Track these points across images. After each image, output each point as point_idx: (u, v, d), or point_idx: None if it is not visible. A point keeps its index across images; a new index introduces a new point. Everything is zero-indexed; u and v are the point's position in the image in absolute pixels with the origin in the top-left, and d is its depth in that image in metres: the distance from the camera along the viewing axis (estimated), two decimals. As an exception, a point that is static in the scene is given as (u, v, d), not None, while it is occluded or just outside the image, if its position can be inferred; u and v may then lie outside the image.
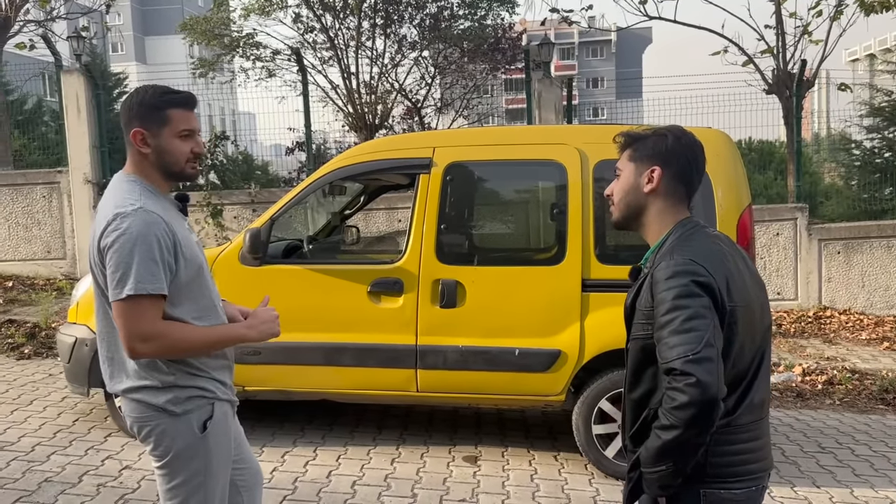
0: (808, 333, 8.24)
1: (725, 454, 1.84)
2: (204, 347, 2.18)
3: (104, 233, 2.05)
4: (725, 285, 1.81)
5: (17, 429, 4.97)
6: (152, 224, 2.06)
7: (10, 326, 7.79)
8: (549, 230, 4.78)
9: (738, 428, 1.86)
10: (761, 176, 12.89)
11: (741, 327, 1.84)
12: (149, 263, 2.02)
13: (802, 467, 4.65)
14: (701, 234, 1.94)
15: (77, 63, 10.85)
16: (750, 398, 1.87)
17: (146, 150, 2.17)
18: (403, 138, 6.04)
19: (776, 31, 10.00)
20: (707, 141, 4.33)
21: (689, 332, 1.73)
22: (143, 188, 2.16)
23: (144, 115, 2.16)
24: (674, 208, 1.97)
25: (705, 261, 1.82)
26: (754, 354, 1.89)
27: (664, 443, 1.77)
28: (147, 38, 60.90)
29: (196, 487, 2.18)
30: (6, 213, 10.33)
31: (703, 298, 1.77)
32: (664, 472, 1.80)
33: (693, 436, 1.74)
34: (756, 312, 1.90)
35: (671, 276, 1.80)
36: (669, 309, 1.77)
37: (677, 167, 1.96)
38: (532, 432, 5.19)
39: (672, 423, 1.74)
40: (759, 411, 1.91)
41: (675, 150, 1.96)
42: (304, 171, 11.18)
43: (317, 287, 4.63)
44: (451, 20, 13.98)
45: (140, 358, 2.09)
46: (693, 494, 1.85)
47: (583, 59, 66.79)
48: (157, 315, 2.06)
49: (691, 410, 1.70)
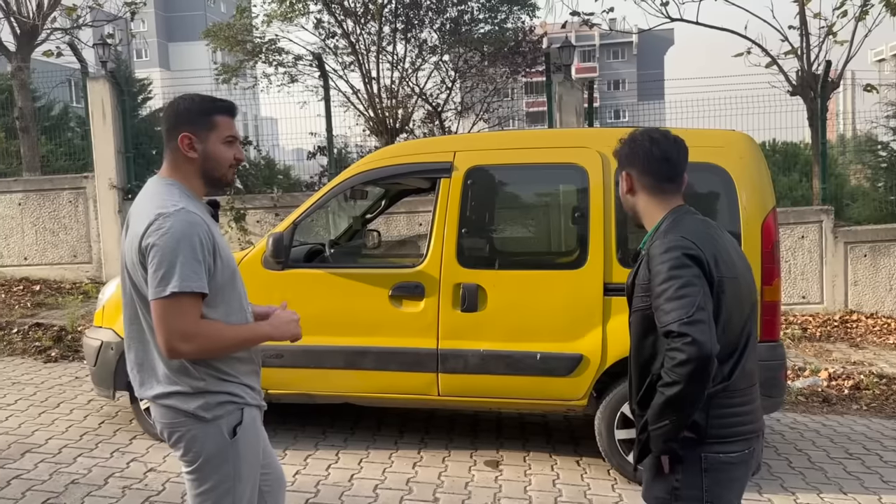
0: (834, 337, 8.13)
1: (724, 416, 2.06)
2: (237, 346, 2.21)
3: (146, 232, 2.07)
4: (714, 259, 2.04)
5: (44, 431, 5.04)
6: (195, 224, 2.09)
7: (37, 330, 7.92)
8: (570, 234, 4.77)
9: (735, 392, 2.08)
10: (786, 178, 12.76)
11: (729, 297, 2.06)
12: (192, 262, 2.05)
13: (829, 473, 4.58)
14: (690, 217, 2.17)
15: (103, 70, 11.02)
16: (742, 364, 2.10)
17: (193, 155, 2.21)
18: (425, 142, 6.05)
19: (800, 31, 9.89)
20: (730, 143, 4.37)
21: (682, 299, 1.95)
22: (182, 191, 2.19)
23: (194, 120, 2.21)
24: (657, 199, 2.20)
25: (694, 237, 2.06)
26: (743, 325, 2.12)
27: (667, 398, 1.98)
28: (171, 45, 61.65)
29: (225, 492, 2.20)
30: (34, 218, 10.50)
31: (693, 269, 2.00)
32: (668, 427, 2.01)
33: (693, 390, 1.94)
34: (743, 287, 2.13)
35: (665, 251, 2.03)
36: (664, 279, 2.00)
37: (639, 165, 2.20)
38: (554, 437, 5.17)
39: (674, 379, 1.95)
40: (751, 378, 2.14)
41: (632, 151, 2.21)
42: (325, 175, 11.23)
43: (339, 291, 4.65)
44: (472, 24, 13.99)
45: (179, 357, 2.10)
46: (695, 458, 2.06)
47: (604, 62, 66.50)
48: (197, 314, 2.08)
49: (690, 366, 1.92)
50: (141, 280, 2.13)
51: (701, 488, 2.06)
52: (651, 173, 2.19)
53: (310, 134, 12.06)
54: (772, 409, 4.52)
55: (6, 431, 5.01)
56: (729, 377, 2.06)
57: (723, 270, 2.05)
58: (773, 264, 4.27)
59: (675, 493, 2.08)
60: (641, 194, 2.22)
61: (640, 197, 2.23)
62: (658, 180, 2.19)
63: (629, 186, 2.23)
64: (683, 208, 2.20)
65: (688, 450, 2.05)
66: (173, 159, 2.24)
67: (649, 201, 2.21)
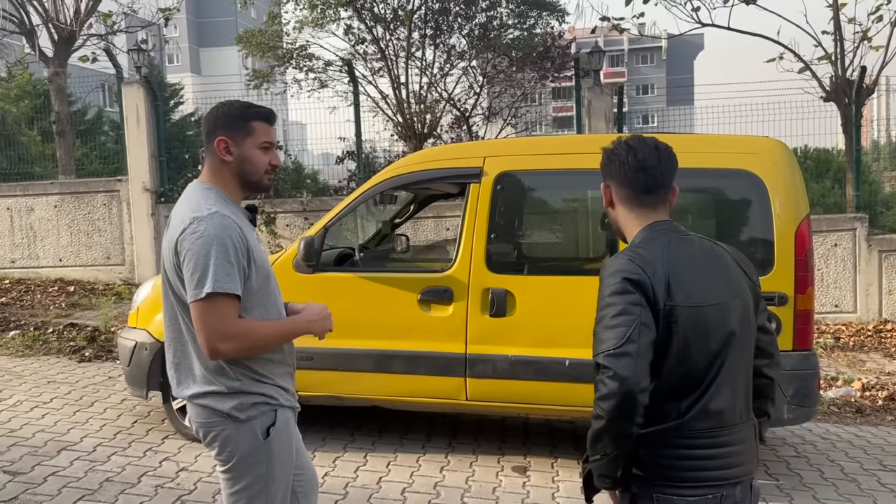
0: (867, 347, 7.99)
1: (677, 458, 1.87)
2: (277, 341, 2.26)
3: (181, 236, 2.12)
4: (665, 285, 1.84)
5: (79, 429, 5.14)
6: (228, 228, 2.13)
7: (71, 330, 8.07)
8: (599, 240, 4.76)
9: (691, 433, 1.86)
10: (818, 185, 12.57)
11: (685, 327, 1.84)
12: (225, 264, 2.09)
13: (863, 485, 4.51)
14: (662, 236, 1.94)
15: (137, 75, 11.21)
16: (703, 404, 1.86)
17: (229, 159, 2.26)
18: (454, 148, 6.07)
19: (834, 37, 9.78)
20: (764, 150, 4.33)
21: (614, 329, 1.81)
22: (219, 196, 2.24)
23: (230, 124, 2.26)
24: (634, 212, 2.01)
25: (644, 260, 1.87)
26: (711, 359, 1.87)
27: (594, 431, 1.87)
28: (202, 50, 62.46)
29: (258, 492, 2.23)
30: (69, 220, 10.71)
31: (632, 295, 1.82)
32: (599, 461, 1.89)
33: (617, 426, 1.81)
34: (710, 316, 1.87)
35: (609, 275, 1.89)
36: (602, 306, 1.87)
37: (616, 176, 2.02)
38: (582, 444, 5.13)
39: (597, 412, 1.83)
40: (718, 419, 1.88)
41: (609, 162, 2.04)
42: (354, 179, 11.32)
43: (368, 295, 4.68)
44: (501, 29, 14.02)
45: (220, 357, 2.14)
46: (647, 497, 1.90)
47: (633, 66, 66.11)
48: (235, 314, 2.12)
49: (611, 401, 1.78)
50: (178, 282, 2.17)
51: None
52: (627, 185, 2.00)
53: (339, 139, 12.17)
54: (804, 419, 4.47)
55: (42, 429, 5.12)
56: (683, 416, 1.85)
57: (677, 298, 1.83)
58: (806, 272, 4.22)
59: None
60: (620, 207, 2.04)
61: (619, 210, 2.04)
62: (635, 191, 1.99)
63: (608, 199, 2.06)
64: (661, 224, 1.98)
65: (639, 487, 1.90)
66: (212, 163, 2.29)
67: (627, 215, 2.02)
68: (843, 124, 9.76)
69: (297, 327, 2.31)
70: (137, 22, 13.38)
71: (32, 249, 10.83)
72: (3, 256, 10.91)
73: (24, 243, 10.83)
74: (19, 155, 13.43)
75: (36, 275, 10.72)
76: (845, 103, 9.54)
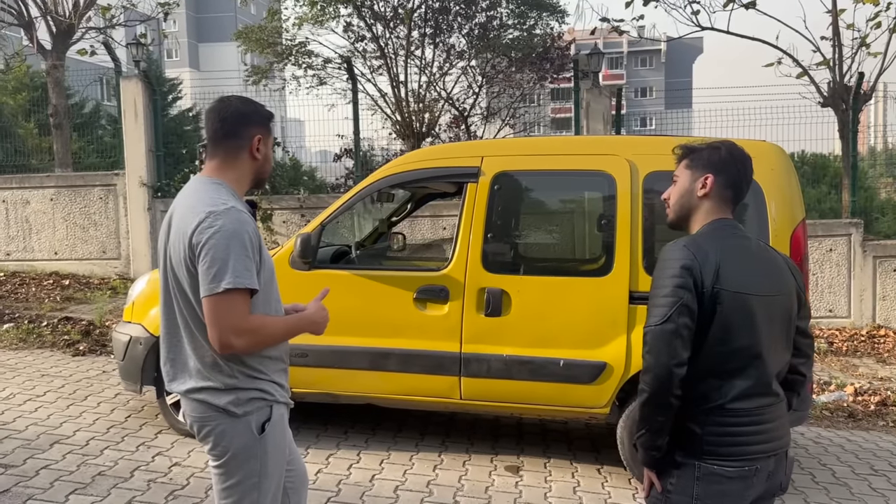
0: (860, 352, 8.02)
1: (719, 434, 2.05)
2: (284, 337, 2.28)
3: (197, 230, 2.10)
4: (714, 270, 2.04)
5: (72, 423, 5.13)
6: (244, 223, 2.14)
7: (66, 324, 8.06)
8: (596, 241, 4.76)
9: (733, 412, 2.06)
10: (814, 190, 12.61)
11: (728, 310, 2.03)
12: (244, 259, 2.09)
13: (854, 489, 4.53)
14: (724, 230, 2.17)
15: (136, 69, 11.18)
16: (747, 385, 2.06)
17: (258, 157, 2.29)
18: (452, 147, 6.08)
19: (833, 42, 9.80)
20: (761, 154, 4.34)
21: (659, 307, 2.04)
22: (229, 191, 2.24)
23: (262, 122, 2.30)
24: (717, 210, 2.21)
25: (697, 247, 2.08)
26: (754, 344, 2.06)
27: (639, 406, 2.09)
28: (201, 45, 62.36)
29: (251, 488, 2.23)
30: (65, 214, 10.68)
31: (681, 279, 2.03)
32: (645, 435, 2.09)
33: (657, 396, 2.02)
34: (756, 305, 2.07)
35: (665, 258, 2.11)
36: (654, 285, 2.10)
37: (728, 176, 2.20)
38: (575, 444, 5.17)
39: (641, 387, 2.07)
40: (759, 399, 2.08)
41: (727, 161, 2.21)
42: (351, 177, 11.31)
43: (364, 292, 4.68)
44: (500, 29, 14.02)
45: (231, 352, 2.14)
46: (689, 466, 2.08)
47: (631, 69, 66.22)
48: (248, 310, 2.13)
49: (649, 374, 2.03)
50: (185, 276, 2.16)
51: (691, 495, 2.08)
52: (731, 187, 2.20)
53: (337, 136, 12.17)
54: (796, 423, 4.48)
55: (35, 422, 5.11)
56: (726, 395, 2.04)
57: (724, 283, 2.03)
58: (801, 277, 4.23)
59: (668, 496, 2.12)
60: (710, 202, 2.20)
61: (706, 203, 2.20)
62: (734, 195, 2.21)
63: (708, 190, 2.19)
64: (727, 221, 2.20)
65: (683, 456, 2.08)
66: (228, 158, 2.27)
67: (712, 209, 2.20)
68: (840, 130, 9.78)
69: (302, 324, 2.32)
70: (136, 16, 13.36)
71: (28, 242, 10.80)
72: (-1, 249, 10.88)
73: (20, 236, 10.80)
74: (16, 147, 13.39)
75: (31, 268, 10.70)
76: (843, 109, 9.56)
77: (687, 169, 2.25)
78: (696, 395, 2.05)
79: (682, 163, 2.28)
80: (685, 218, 2.25)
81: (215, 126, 2.27)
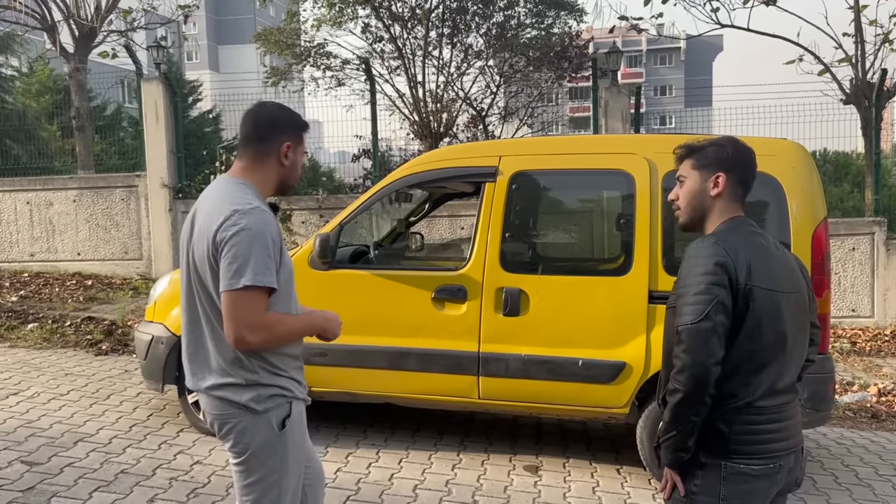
0: (884, 352, 7.92)
1: (747, 432, 2.05)
2: (298, 335, 2.31)
3: (221, 227, 2.13)
4: (746, 267, 2.03)
5: (95, 421, 5.20)
6: (268, 224, 2.18)
7: (89, 323, 8.15)
8: (615, 241, 4.74)
9: (760, 409, 2.05)
10: (836, 188, 12.49)
11: (761, 308, 2.03)
12: (265, 258, 2.13)
13: (877, 490, 4.48)
14: (743, 228, 2.17)
15: (157, 71, 11.28)
16: (773, 383, 2.07)
17: (286, 163, 2.33)
18: (470, 147, 6.07)
19: (855, 39, 9.68)
20: (782, 152, 4.31)
21: (693, 305, 2.01)
22: (254, 192, 2.28)
23: (293, 131, 2.34)
24: (731, 207, 2.20)
25: (728, 244, 2.07)
26: (780, 340, 2.07)
27: (672, 406, 2.04)
28: (220, 47, 62.81)
29: (272, 484, 2.25)
30: (87, 215, 10.81)
31: (716, 276, 2.01)
32: (675, 437, 2.05)
33: (693, 396, 1.99)
34: (786, 302, 2.09)
35: (695, 256, 2.08)
36: (687, 283, 2.06)
37: (738, 173, 2.20)
38: (594, 444, 5.15)
39: (674, 386, 2.03)
40: (784, 397, 2.10)
41: (736, 159, 2.21)
42: (369, 177, 11.35)
43: (382, 292, 4.70)
44: (518, 29, 13.99)
45: (246, 348, 2.17)
46: (715, 466, 2.06)
47: (650, 67, 65.78)
48: (265, 307, 2.15)
49: (686, 373, 1.99)
50: (207, 273, 2.19)
51: (718, 495, 2.07)
52: (742, 185, 2.21)
53: (355, 137, 12.21)
54: (818, 423, 4.44)
55: (59, 420, 5.18)
56: (754, 393, 2.05)
57: (756, 280, 2.03)
58: (823, 276, 4.19)
59: (693, 497, 2.10)
60: (723, 200, 2.19)
61: (720, 202, 2.19)
62: (745, 191, 2.22)
63: (721, 189, 2.18)
64: (742, 219, 2.20)
65: (708, 456, 2.07)
66: (257, 161, 2.32)
67: (726, 207, 2.19)
68: (862, 127, 9.66)
69: (315, 323, 2.35)
70: (157, 19, 13.48)
71: (51, 243, 10.94)
72: (23, 250, 11.03)
73: (43, 237, 10.95)
74: (39, 150, 13.58)
75: (54, 268, 10.84)
76: (865, 106, 9.45)
77: (695, 169, 2.22)
78: (723, 394, 2.03)
79: (688, 163, 2.25)
80: (699, 219, 2.23)
81: (248, 129, 2.32)
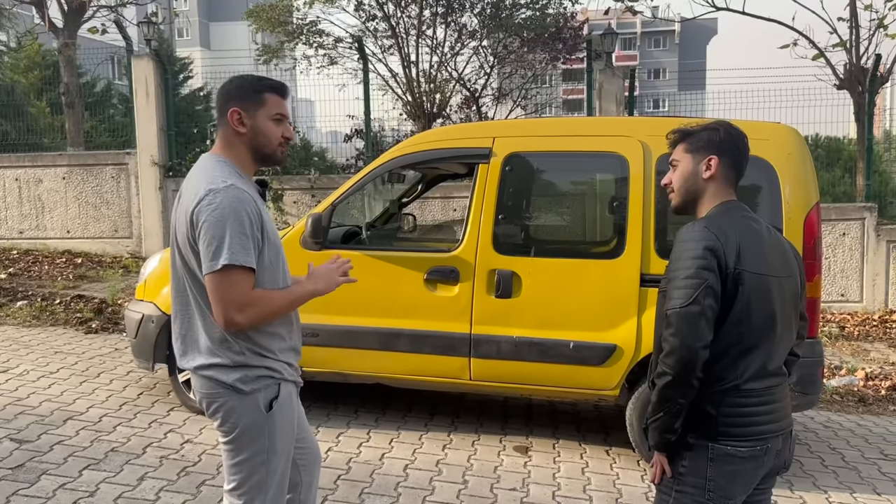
0: (872, 337, 7.99)
1: (735, 415, 2.07)
2: (290, 307, 2.28)
3: (196, 208, 2.12)
4: (736, 250, 2.05)
5: (85, 399, 5.19)
6: (243, 201, 2.14)
7: (79, 301, 8.12)
8: (608, 223, 4.74)
9: (748, 392, 2.07)
10: (828, 174, 12.51)
11: (748, 290, 2.05)
12: (240, 237, 2.10)
13: (863, 473, 4.53)
14: (735, 212, 2.18)
15: (147, 48, 11.17)
16: (761, 365, 2.09)
17: (242, 130, 2.26)
18: (464, 128, 6.05)
19: (850, 24, 9.68)
20: (777, 136, 4.30)
21: (682, 289, 2.02)
22: (233, 169, 2.24)
23: (243, 96, 2.27)
24: (724, 191, 2.22)
25: (718, 228, 2.08)
26: (769, 324, 2.09)
27: (659, 388, 2.07)
28: (211, 24, 62.16)
29: (259, 464, 2.25)
30: (77, 193, 10.73)
31: (705, 261, 2.02)
32: (662, 418, 2.08)
33: (681, 378, 2.01)
34: (772, 286, 2.10)
35: (685, 240, 2.09)
36: (677, 267, 2.08)
37: (730, 156, 2.22)
38: (584, 426, 5.18)
39: (662, 369, 2.05)
40: (772, 379, 2.12)
41: (728, 141, 2.23)
42: (362, 158, 11.29)
43: (374, 273, 4.69)
44: (513, 9, 13.87)
45: (236, 328, 2.16)
46: (702, 447, 2.09)
47: (645, 50, 65.53)
48: (250, 285, 2.14)
49: (674, 356, 2.01)
50: (189, 253, 2.18)
51: (704, 476, 2.09)
52: (734, 167, 2.22)
53: (348, 116, 12.13)
54: (806, 407, 4.47)
55: (49, 398, 5.17)
56: (741, 376, 2.06)
57: (745, 264, 2.04)
58: (814, 260, 4.21)
59: (680, 478, 2.12)
60: (715, 183, 2.21)
61: (713, 185, 2.21)
62: (738, 174, 2.24)
63: (714, 172, 2.20)
64: (735, 203, 2.22)
65: (696, 438, 2.09)
66: (225, 136, 2.29)
67: (718, 191, 2.21)
68: (855, 113, 9.68)
69: (305, 291, 2.31)
70: (148, -6, 13.32)
71: (40, 221, 10.86)
72: (12, 227, 10.95)
73: (32, 214, 10.87)
74: (28, 126, 13.43)
75: (44, 246, 10.77)
76: (859, 91, 9.46)
77: (687, 153, 2.24)
78: (711, 376, 2.05)
79: (680, 146, 2.27)
80: (692, 202, 2.25)
81: (215, 106, 2.34)
